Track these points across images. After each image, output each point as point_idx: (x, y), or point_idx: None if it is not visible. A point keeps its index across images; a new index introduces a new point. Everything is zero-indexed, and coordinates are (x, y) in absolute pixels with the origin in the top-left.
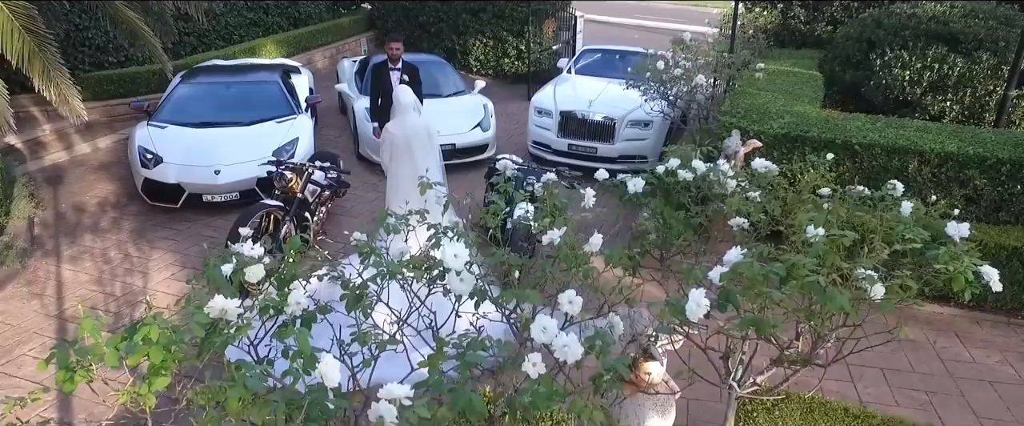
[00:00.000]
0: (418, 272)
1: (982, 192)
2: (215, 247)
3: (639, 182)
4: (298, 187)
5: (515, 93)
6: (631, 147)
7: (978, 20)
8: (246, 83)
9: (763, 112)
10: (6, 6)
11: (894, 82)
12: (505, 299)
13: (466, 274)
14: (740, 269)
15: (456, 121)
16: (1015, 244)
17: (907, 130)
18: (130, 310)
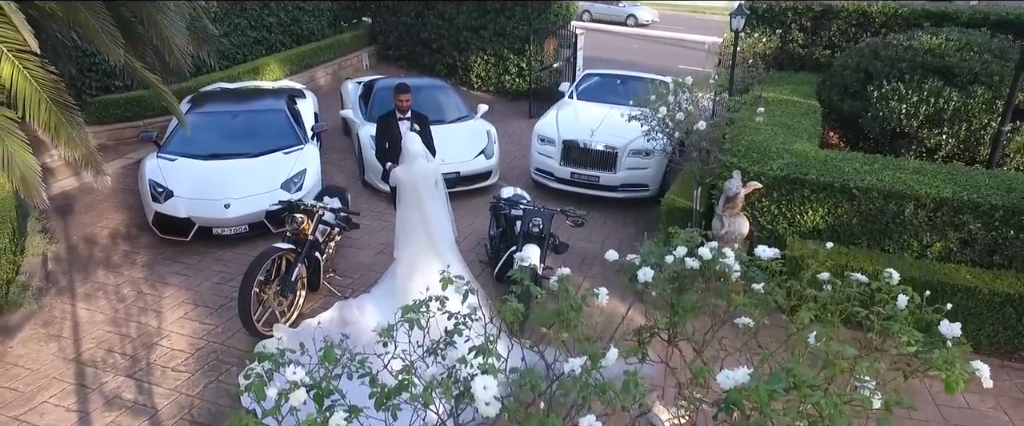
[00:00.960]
0: (447, 392)
1: (977, 236)
2: (226, 283)
3: (648, 271)
4: (309, 229)
5: (516, 110)
6: (633, 176)
7: (973, 53)
8: (253, 112)
9: (763, 151)
10: (34, 79)
11: (891, 114)
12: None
13: (494, 403)
14: (746, 391)
15: (460, 149)
16: (1008, 290)
17: (904, 172)
18: (146, 352)
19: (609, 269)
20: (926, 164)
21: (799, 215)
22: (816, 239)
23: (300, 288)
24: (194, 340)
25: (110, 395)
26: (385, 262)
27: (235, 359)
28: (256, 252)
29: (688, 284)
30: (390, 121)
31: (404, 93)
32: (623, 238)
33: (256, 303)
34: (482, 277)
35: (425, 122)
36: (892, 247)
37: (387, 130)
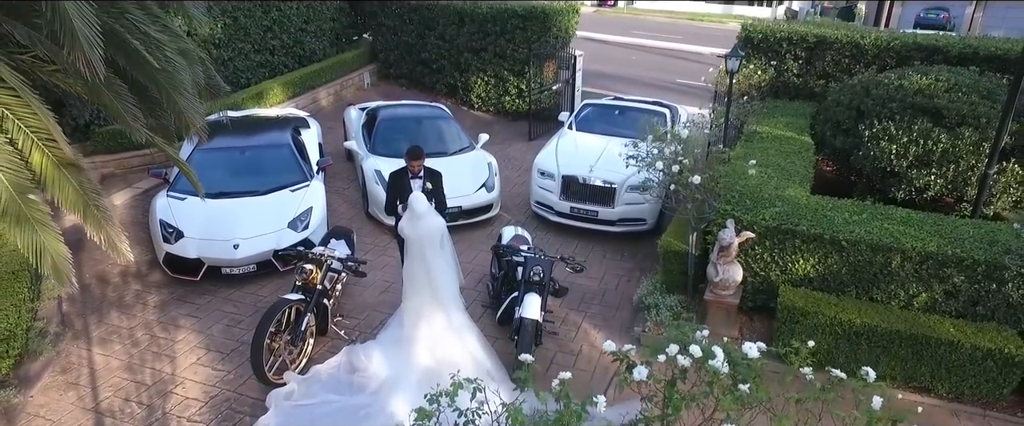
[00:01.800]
0: None
1: (960, 288)
2: (236, 326)
3: (643, 370)
4: (318, 279)
5: (516, 132)
6: (630, 210)
7: (962, 94)
8: (259, 148)
9: (756, 198)
10: (62, 166)
11: (881, 154)
12: None
13: None
14: None
15: (461, 182)
16: (989, 345)
17: (891, 222)
18: (162, 401)
19: (608, 307)
20: (914, 214)
21: (791, 263)
22: (807, 286)
23: (309, 336)
24: (207, 388)
25: None
26: (390, 301)
27: (248, 408)
28: (264, 291)
29: (680, 375)
30: (402, 177)
31: (417, 159)
32: (621, 274)
33: (267, 353)
34: (484, 318)
35: (438, 179)
36: (880, 296)
37: (399, 187)
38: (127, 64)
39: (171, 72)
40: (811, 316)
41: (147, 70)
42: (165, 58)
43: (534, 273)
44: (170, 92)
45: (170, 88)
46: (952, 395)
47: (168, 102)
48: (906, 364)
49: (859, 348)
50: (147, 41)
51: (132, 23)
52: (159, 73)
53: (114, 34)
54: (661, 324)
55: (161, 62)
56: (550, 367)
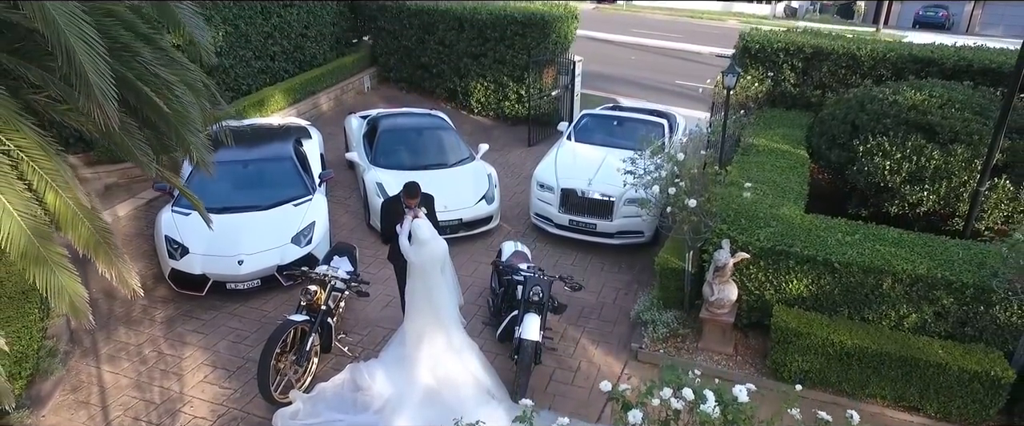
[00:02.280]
0: None
1: (950, 310)
2: (242, 342)
3: (638, 413)
4: (322, 300)
5: (516, 137)
6: (628, 223)
7: (955, 111)
8: (262, 161)
9: (751, 217)
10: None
11: (875, 170)
12: None
13: None
14: None
15: (462, 195)
16: (976, 368)
17: (883, 244)
18: (170, 420)
19: (606, 322)
20: (906, 234)
21: (785, 283)
22: (800, 306)
23: (314, 356)
24: (214, 406)
25: None
26: (392, 316)
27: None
28: (268, 306)
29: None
30: (397, 206)
31: (413, 197)
32: (619, 287)
33: (273, 373)
34: (484, 333)
35: (430, 202)
36: (872, 316)
37: (394, 213)
38: (138, 104)
39: (181, 111)
40: (804, 337)
41: (159, 112)
42: (176, 98)
43: (533, 293)
44: (180, 130)
45: (180, 126)
46: (940, 415)
47: (178, 139)
48: (896, 384)
49: (850, 368)
50: (157, 84)
51: (143, 65)
52: (171, 115)
53: (126, 79)
54: (658, 341)
55: (173, 104)
56: (549, 384)
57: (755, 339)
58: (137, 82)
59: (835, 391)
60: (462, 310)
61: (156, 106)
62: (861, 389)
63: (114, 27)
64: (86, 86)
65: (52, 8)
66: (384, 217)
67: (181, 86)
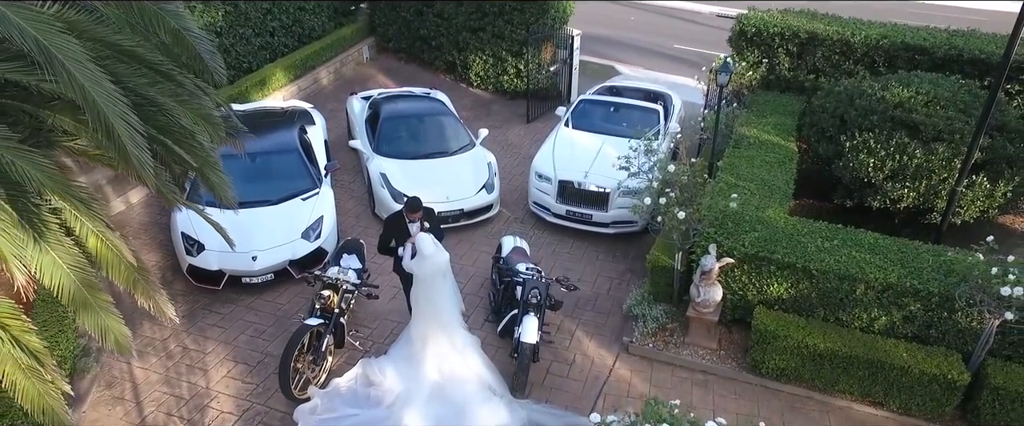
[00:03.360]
0: None
1: (916, 315)
2: (260, 336)
3: None
4: (335, 303)
5: (514, 113)
6: (623, 214)
7: (940, 108)
8: (269, 154)
9: (738, 220)
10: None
11: (860, 166)
12: None
13: None
14: None
15: (463, 185)
16: (935, 371)
17: (860, 250)
18: (200, 416)
19: (600, 314)
20: (882, 239)
21: (766, 286)
22: (780, 306)
23: (329, 354)
24: (239, 401)
25: None
26: (399, 308)
27: (278, 422)
28: (282, 299)
29: None
30: (400, 221)
31: (415, 212)
32: (613, 277)
33: (292, 372)
34: (486, 327)
35: (433, 216)
36: (846, 318)
37: (396, 229)
38: (166, 154)
39: (204, 157)
40: (781, 339)
41: (184, 161)
42: (199, 146)
43: (532, 295)
44: (205, 172)
45: (205, 168)
46: (901, 410)
47: (203, 179)
48: (863, 382)
49: (823, 367)
50: (182, 134)
51: (169, 117)
52: (195, 161)
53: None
54: (647, 335)
55: (197, 151)
56: (546, 377)
57: (738, 334)
58: (163, 138)
59: (808, 386)
60: (464, 301)
61: (182, 157)
62: (832, 385)
63: (142, 83)
64: (124, 155)
65: (91, 90)
66: (386, 231)
67: (202, 125)
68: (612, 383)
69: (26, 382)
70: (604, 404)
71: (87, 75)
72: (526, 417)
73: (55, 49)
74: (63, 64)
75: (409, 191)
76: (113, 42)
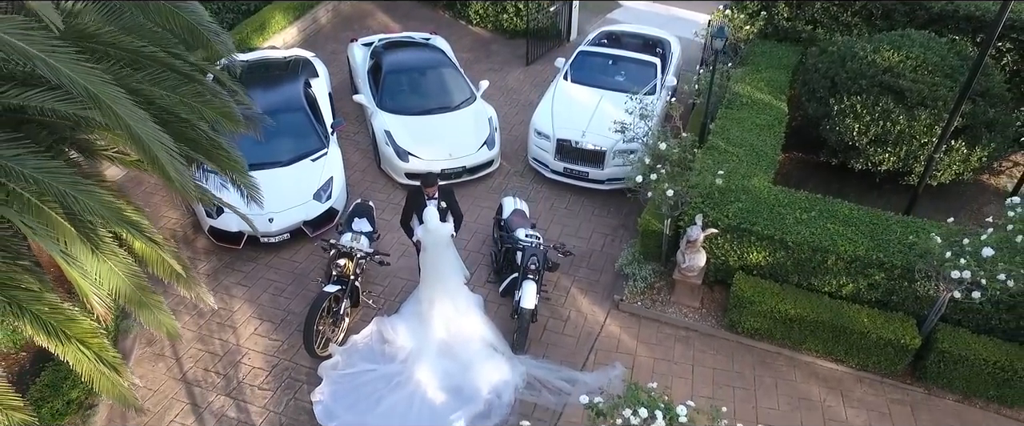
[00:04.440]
0: None
1: (880, 283)
2: (281, 294)
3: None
4: (351, 270)
5: (514, 53)
6: (618, 171)
7: (927, 73)
8: (278, 113)
9: (724, 190)
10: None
11: (846, 130)
12: None
13: None
14: None
15: (465, 142)
16: (891, 336)
17: (834, 222)
18: (234, 371)
19: (594, 271)
20: (855, 210)
21: (746, 254)
22: (758, 272)
23: (346, 315)
24: (268, 357)
25: (218, 413)
26: (407, 266)
27: (304, 376)
28: (299, 257)
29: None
30: (419, 196)
31: (431, 187)
32: (606, 233)
33: (314, 334)
34: (488, 287)
35: (450, 196)
36: (817, 284)
37: (416, 203)
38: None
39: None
40: (756, 304)
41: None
42: (225, 152)
43: (531, 262)
44: (233, 175)
45: (232, 172)
46: (860, 366)
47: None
48: (827, 343)
49: (792, 329)
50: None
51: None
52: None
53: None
54: (636, 294)
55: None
56: (544, 333)
57: (719, 294)
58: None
59: (778, 344)
60: (467, 257)
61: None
62: (799, 344)
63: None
64: (168, 177)
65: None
66: (407, 204)
67: (225, 122)
68: (603, 339)
69: (105, 382)
70: (595, 359)
71: (132, 115)
72: (525, 372)
73: (103, 96)
74: (111, 108)
75: (413, 149)
76: (137, 49)
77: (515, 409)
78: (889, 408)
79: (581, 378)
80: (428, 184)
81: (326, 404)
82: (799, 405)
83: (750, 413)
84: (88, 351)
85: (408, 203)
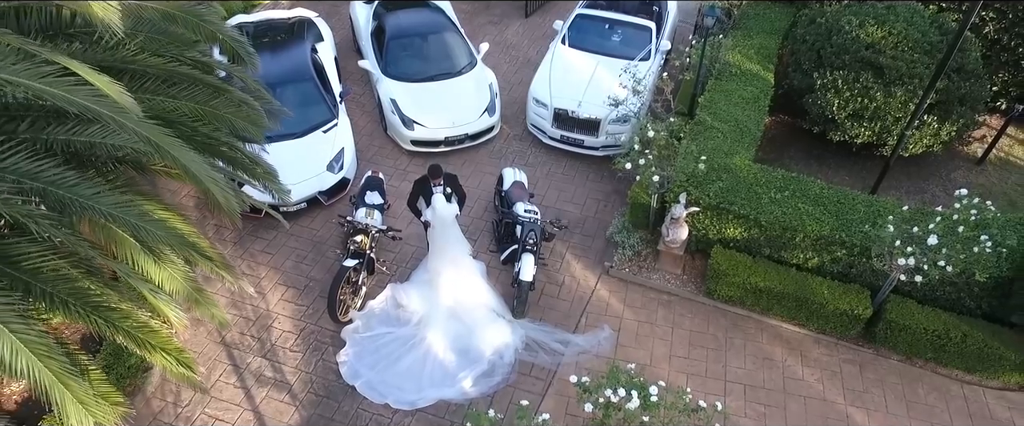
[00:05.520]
0: None
1: (842, 258)
2: (302, 261)
3: (589, 406)
4: (367, 246)
5: (513, 4)
6: (611, 139)
7: (907, 50)
8: (287, 84)
9: (708, 167)
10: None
11: (826, 105)
12: None
13: None
14: None
15: (467, 109)
16: (846, 307)
17: (805, 201)
18: (268, 334)
19: (587, 237)
20: (826, 189)
21: (725, 229)
22: (734, 246)
23: (363, 285)
24: (296, 322)
25: (256, 373)
26: (416, 233)
27: (329, 339)
28: (316, 224)
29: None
30: (426, 184)
31: (437, 177)
32: (599, 198)
33: (337, 303)
34: (490, 254)
35: (455, 181)
36: (786, 256)
37: (423, 189)
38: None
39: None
40: (731, 276)
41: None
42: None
43: (529, 236)
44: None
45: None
46: (818, 329)
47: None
48: (791, 310)
49: (761, 298)
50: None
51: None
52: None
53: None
54: (625, 261)
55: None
56: (541, 298)
57: (699, 262)
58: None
59: (749, 309)
60: (470, 226)
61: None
62: (767, 310)
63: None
64: (218, 206)
65: (192, 167)
66: (414, 191)
67: (252, 129)
68: (594, 302)
69: (180, 375)
70: (586, 322)
71: (188, 158)
72: (524, 334)
73: (165, 146)
74: (170, 153)
75: (417, 117)
76: (172, 69)
77: (515, 368)
78: (841, 367)
79: (573, 340)
80: (434, 175)
81: (351, 364)
82: (763, 364)
83: (720, 371)
84: (168, 356)
85: (415, 189)
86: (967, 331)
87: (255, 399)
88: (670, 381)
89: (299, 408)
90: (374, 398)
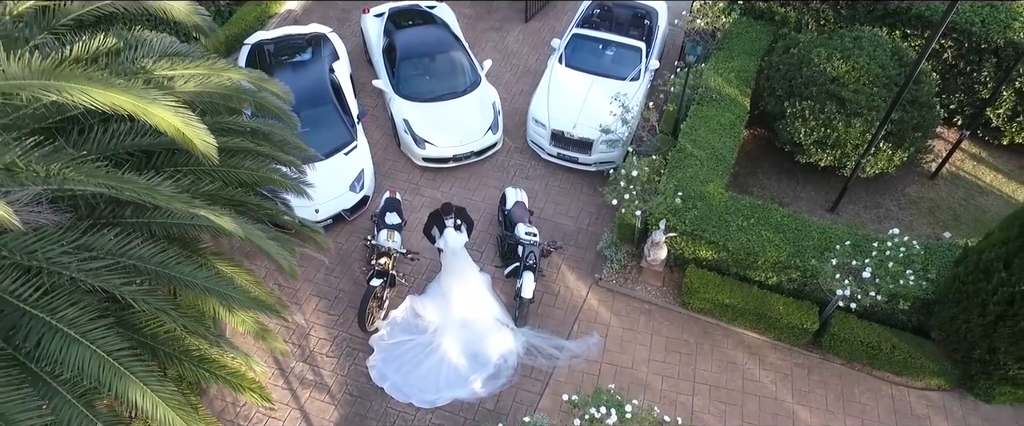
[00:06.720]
0: None
1: (796, 279)
2: (331, 274)
3: (577, 422)
4: (390, 267)
5: (513, 8)
6: (604, 157)
7: (867, 84)
8: (310, 107)
9: (685, 196)
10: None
11: (795, 132)
12: None
13: None
14: None
15: (472, 129)
16: (796, 322)
17: (768, 229)
18: (306, 342)
19: (580, 249)
20: (787, 217)
21: (698, 251)
22: (706, 266)
23: (387, 299)
24: (330, 330)
25: (300, 376)
26: (429, 248)
27: (359, 346)
28: (341, 239)
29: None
30: (439, 217)
31: (448, 213)
32: (592, 211)
33: (366, 316)
34: (494, 267)
35: (463, 213)
36: (751, 276)
37: (437, 221)
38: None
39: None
40: (702, 292)
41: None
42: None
43: (530, 257)
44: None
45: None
46: (775, 338)
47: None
48: (751, 321)
49: (727, 311)
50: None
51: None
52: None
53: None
54: (613, 273)
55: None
56: (539, 307)
57: (677, 275)
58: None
59: (717, 319)
60: (477, 238)
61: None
62: (733, 320)
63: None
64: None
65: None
66: (429, 223)
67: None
68: (585, 311)
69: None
70: (578, 328)
71: (247, 229)
72: (525, 341)
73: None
74: (250, 239)
75: (429, 136)
76: (239, 147)
77: (517, 370)
78: (792, 370)
79: (567, 345)
80: (446, 212)
81: (379, 368)
82: (727, 367)
83: (690, 374)
84: (254, 393)
85: (430, 221)
86: (896, 343)
87: (300, 399)
88: (647, 383)
89: (338, 407)
90: (400, 398)
